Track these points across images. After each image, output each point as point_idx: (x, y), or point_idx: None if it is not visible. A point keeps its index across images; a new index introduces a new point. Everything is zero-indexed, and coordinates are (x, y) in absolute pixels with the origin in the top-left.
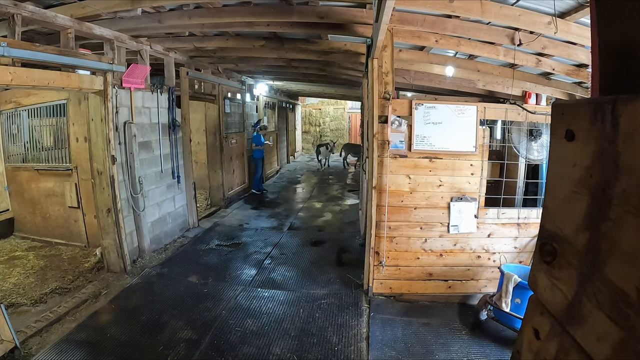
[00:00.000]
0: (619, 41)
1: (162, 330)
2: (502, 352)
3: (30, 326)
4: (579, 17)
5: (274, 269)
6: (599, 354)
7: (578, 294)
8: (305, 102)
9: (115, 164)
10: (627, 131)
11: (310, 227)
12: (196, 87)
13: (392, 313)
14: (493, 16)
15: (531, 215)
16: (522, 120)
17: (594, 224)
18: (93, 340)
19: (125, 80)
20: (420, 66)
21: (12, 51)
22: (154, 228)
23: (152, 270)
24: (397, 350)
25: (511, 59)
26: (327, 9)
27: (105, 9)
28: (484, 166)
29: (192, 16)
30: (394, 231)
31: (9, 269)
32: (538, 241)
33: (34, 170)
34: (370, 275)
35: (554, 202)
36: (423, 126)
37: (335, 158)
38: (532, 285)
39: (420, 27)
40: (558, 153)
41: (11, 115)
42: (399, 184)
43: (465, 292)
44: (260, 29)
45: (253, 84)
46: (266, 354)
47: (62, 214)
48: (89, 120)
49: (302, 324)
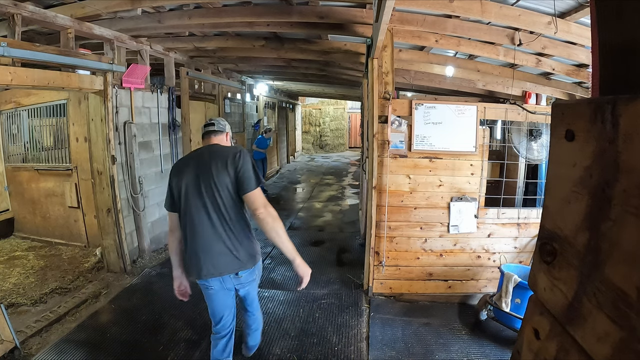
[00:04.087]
0: (619, 41)
1: (162, 330)
2: (502, 352)
3: (30, 326)
4: (579, 17)
5: (274, 268)
6: (599, 354)
7: (578, 294)
8: (305, 102)
9: (115, 164)
10: (627, 131)
11: (310, 227)
12: (196, 87)
13: (392, 313)
14: (493, 16)
15: (531, 215)
16: (522, 120)
17: (594, 224)
18: (93, 340)
19: (125, 80)
20: (420, 66)
21: (12, 51)
22: (154, 228)
23: (152, 270)
24: (397, 350)
25: (511, 59)
26: (327, 9)
27: (105, 9)
28: (484, 166)
29: (192, 16)
30: (394, 231)
31: (9, 269)
32: (538, 241)
33: (34, 170)
34: (370, 275)
35: (554, 202)
36: (423, 126)
37: (335, 158)
38: (532, 285)
39: (420, 27)
40: (558, 153)
41: (11, 115)
42: (399, 184)
43: (465, 292)
44: (260, 29)
45: (253, 84)
46: (266, 354)
47: (62, 214)
48: (89, 120)
49: (302, 324)
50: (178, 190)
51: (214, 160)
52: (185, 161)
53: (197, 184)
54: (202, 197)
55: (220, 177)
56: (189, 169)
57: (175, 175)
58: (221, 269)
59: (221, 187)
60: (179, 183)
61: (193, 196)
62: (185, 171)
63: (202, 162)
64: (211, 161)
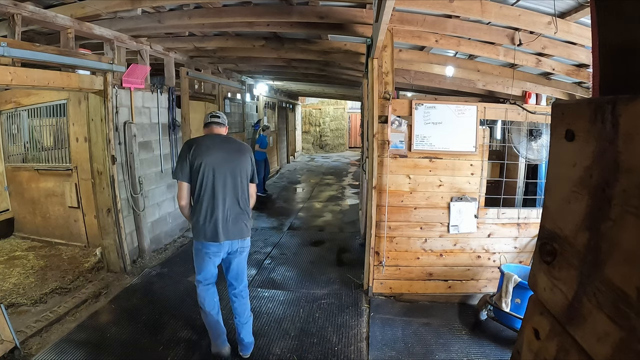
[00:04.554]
0: (619, 41)
1: (162, 330)
2: (502, 352)
3: (30, 326)
4: (579, 17)
5: (274, 269)
6: (599, 354)
7: (578, 294)
8: (305, 102)
9: (115, 164)
10: (627, 131)
11: (310, 227)
12: (196, 87)
13: (392, 313)
14: (493, 16)
15: (531, 215)
16: (522, 120)
17: (594, 224)
18: (93, 340)
19: (125, 80)
20: (420, 66)
21: (12, 51)
22: (154, 228)
23: (152, 270)
24: (397, 350)
25: (511, 59)
26: (327, 9)
27: (105, 9)
28: (484, 166)
29: (192, 16)
30: (394, 231)
31: (9, 269)
32: (538, 241)
33: (34, 170)
34: (370, 275)
35: (554, 202)
36: (423, 126)
37: (335, 158)
38: (532, 285)
39: (420, 27)
40: (558, 153)
41: (11, 115)
42: (399, 184)
43: (465, 292)
44: (260, 29)
45: (253, 84)
46: (266, 354)
47: (62, 214)
48: (89, 120)
49: (302, 324)
50: (202, 164)
51: (243, 150)
52: (207, 143)
53: (226, 165)
54: (230, 177)
55: (244, 165)
56: (219, 150)
57: (200, 151)
58: (236, 235)
59: (244, 173)
60: (201, 160)
61: (220, 174)
62: (213, 151)
63: (234, 148)
64: (242, 150)
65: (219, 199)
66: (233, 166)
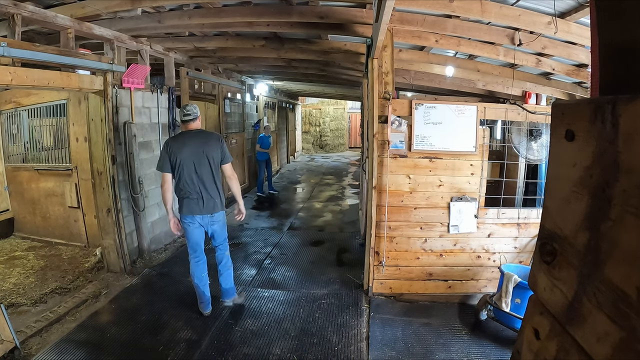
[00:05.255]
0: (619, 41)
1: (162, 330)
2: (502, 352)
3: (30, 326)
4: (579, 17)
5: (274, 269)
6: (599, 354)
7: (578, 294)
8: (305, 102)
9: (115, 164)
10: (627, 131)
11: (310, 227)
12: (196, 87)
13: (392, 313)
14: (493, 16)
15: (531, 215)
16: (522, 120)
17: (594, 224)
18: (93, 340)
19: (125, 80)
20: (420, 66)
21: (12, 51)
22: (154, 228)
23: (152, 270)
24: (397, 350)
25: (511, 59)
26: (327, 9)
27: (105, 9)
28: (484, 166)
29: (192, 16)
30: (394, 231)
31: (9, 269)
32: (538, 241)
33: (34, 170)
34: (370, 275)
35: (554, 202)
36: (423, 126)
37: (335, 158)
38: (532, 285)
39: (420, 27)
40: (558, 153)
41: (11, 115)
42: (399, 184)
43: (465, 292)
44: (260, 29)
45: (253, 84)
46: (266, 354)
47: (62, 214)
48: (89, 120)
49: (302, 324)
50: (177, 158)
51: (209, 140)
52: (182, 140)
53: (194, 157)
54: (199, 165)
55: (213, 152)
56: (189, 146)
57: (175, 148)
58: (208, 210)
59: (214, 158)
60: (178, 154)
61: (197, 162)
62: (184, 147)
63: (200, 141)
64: (208, 141)
65: (194, 184)
66: (200, 157)
